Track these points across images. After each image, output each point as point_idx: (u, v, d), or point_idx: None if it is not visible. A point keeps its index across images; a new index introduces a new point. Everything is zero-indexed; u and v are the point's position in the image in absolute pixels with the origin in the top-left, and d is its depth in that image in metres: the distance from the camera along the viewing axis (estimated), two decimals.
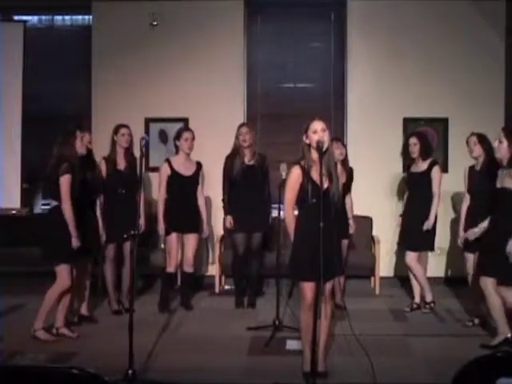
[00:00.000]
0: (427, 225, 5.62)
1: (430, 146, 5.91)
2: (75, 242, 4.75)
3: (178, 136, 5.85)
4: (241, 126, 6.06)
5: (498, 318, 4.61)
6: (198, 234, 5.90)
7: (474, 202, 5.24)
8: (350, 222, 5.92)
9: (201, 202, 5.89)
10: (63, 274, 4.79)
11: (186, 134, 5.81)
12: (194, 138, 5.83)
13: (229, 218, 5.91)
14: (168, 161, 5.84)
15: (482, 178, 5.11)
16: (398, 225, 6.02)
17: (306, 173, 3.87)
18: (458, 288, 6.51)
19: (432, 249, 5.86)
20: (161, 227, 5.76)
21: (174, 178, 5.78)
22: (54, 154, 4.85)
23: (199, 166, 5.90)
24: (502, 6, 7.15)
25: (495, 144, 4.68)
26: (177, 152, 5.88)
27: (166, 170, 5.79)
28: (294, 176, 3.89)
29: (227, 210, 5.94)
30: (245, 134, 5.89)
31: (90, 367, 2.06)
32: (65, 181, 4.77)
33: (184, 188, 5.80)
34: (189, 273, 5.94)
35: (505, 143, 4.57)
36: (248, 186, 5.88)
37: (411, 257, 5.72)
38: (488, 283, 4.56)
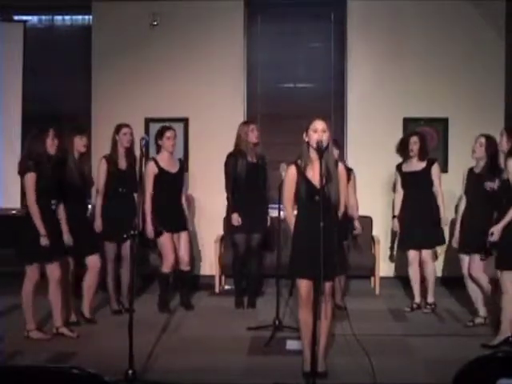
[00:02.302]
0: (445, 221, 5.78)
1: (427, 148, 5.98)
2: (44, 241, 4.67)
3: (160, 135, 5.77)
4: (249, 122, 6.02)
5: (505, 316, 4.60)
6: (189, 231, 5.91)
7: (470, 204, 5.26)
8: (355, 222, 5.92)
9: (184, 199, 5.88)
10: (30, 270, 4.80)
11: (168, 133, 5.73)
12: (175, 137, 5.80)
13: (235, 215, 5.81)
14: (154, 159, 5.74)
15: (480, 181, 5.12)
16: (395, 227, 5.98)
17: (300, 172, 3.89)
18: (457, 288, 6.50)
19: (445, 241, 5.95)
20: (149, 229, 5.61)
21: (162, 176, 5.70)
22: (24, 149, 4.79)
23: (182, 163, 5.90)
24: (501, 5, 7.14)
25: (498, 138, 4.86)
26: (158, 151, 5.80)
27: (153, 169, 5.67)
28: (289, 175, 3.94)
29: (233, 208, 5.86)
30: (256, 130, 5.86)
31: (89, 367, 2.05)
32: (28, 179, 4.72)
33: (172, 185, 5.75)
34: (186, 271, 5.91)
35: (504, 137, 4.77)
36: (250, 185, 5.84)
37: (427, 254, 5.78)
38: (507, 279, 4.55)
